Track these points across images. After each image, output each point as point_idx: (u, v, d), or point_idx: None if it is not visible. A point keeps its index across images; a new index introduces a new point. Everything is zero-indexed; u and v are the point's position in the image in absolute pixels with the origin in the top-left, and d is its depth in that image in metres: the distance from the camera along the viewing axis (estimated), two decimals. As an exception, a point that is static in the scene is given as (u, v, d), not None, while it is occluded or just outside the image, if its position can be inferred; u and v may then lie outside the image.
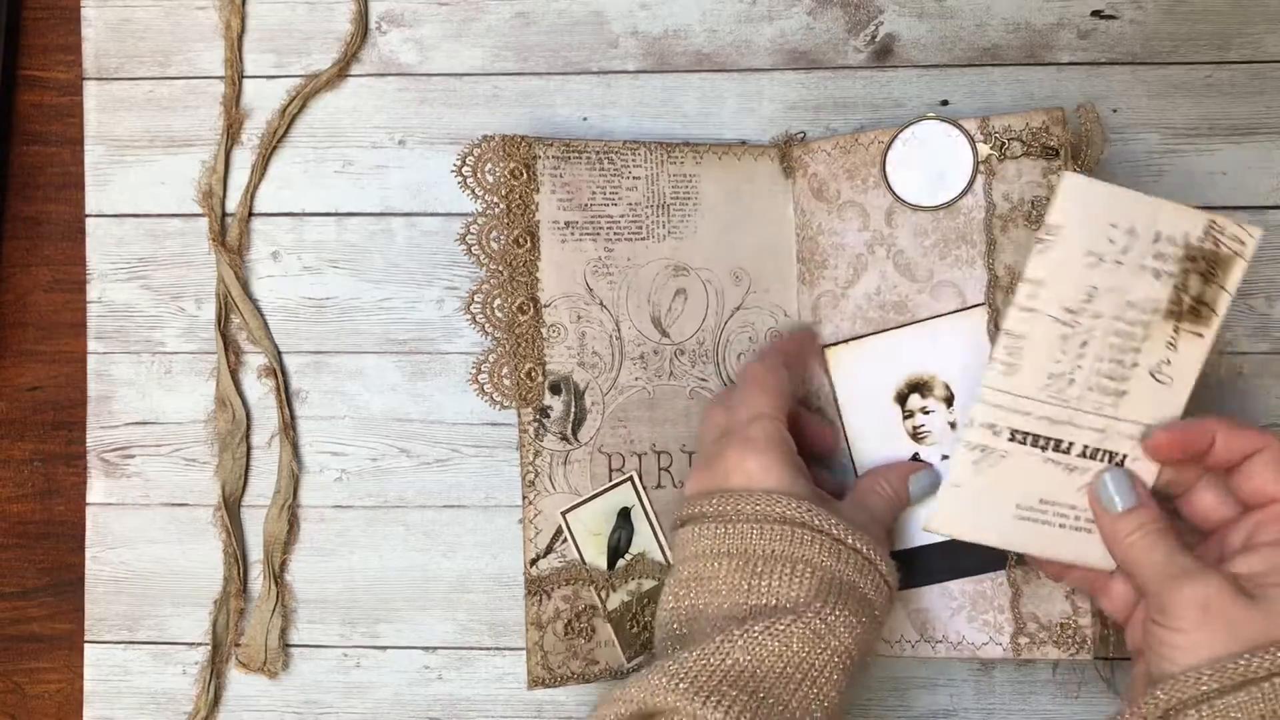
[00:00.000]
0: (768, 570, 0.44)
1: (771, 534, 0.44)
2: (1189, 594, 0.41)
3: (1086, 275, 0.43)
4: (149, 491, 0.56)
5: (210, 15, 0.56)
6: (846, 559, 0.44)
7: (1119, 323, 0.44)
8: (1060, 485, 0.45)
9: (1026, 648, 0.49)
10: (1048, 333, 0.44)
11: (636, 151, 0.53)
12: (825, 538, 0.44)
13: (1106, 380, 0.44)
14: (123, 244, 0.56)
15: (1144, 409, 0.45)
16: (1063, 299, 0.44)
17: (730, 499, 0.45)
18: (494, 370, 0.53)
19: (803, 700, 0.42)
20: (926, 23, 0.54)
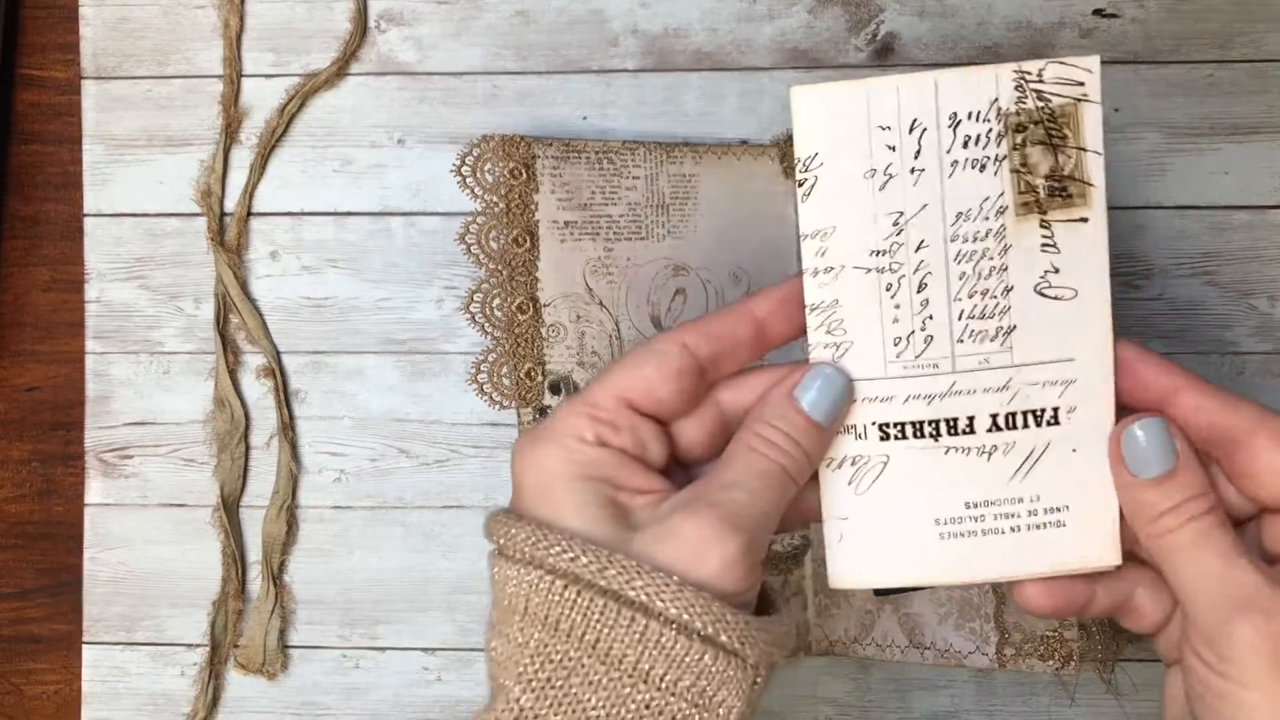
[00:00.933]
0: (503, 637, 0.32)
1: (529, 592, 0.31)
2: (1257, 634, 0.29)
3: (879, 201, 0.33)
4: (147, 492, 0.56)
5: (209, 14, 0.55)
6: (635, 634, 0.30)
7: (957, 244, 0.33)
8: (986, 478, 0.34)
9: (1012, 659, 0.49)
10: (862, 290, 0.34)
11: (636, 151, 0.52)
12: (608, 603, 0.30)
13: (978, 321, 0.33)
14: (121, 243, 0.56)
15: (1049, 340, 0.34)
16: (864, 242, 0.34)
17: (500, 520, 0.33)
18: (493, 370, 0.53)
19: None
20: (928, 21, 0.54)
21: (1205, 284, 0.53)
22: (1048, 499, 0.34)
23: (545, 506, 0.32)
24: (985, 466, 0.34)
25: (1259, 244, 0.53)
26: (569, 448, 0.33)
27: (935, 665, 0.51)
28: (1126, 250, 0.53)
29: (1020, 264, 0.33)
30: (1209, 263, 0.53)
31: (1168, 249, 0.53)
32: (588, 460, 0.32)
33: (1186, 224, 0.53)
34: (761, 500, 0.32)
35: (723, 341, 0.34)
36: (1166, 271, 0.53)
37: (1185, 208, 0.53)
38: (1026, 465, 0.34)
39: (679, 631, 0.30)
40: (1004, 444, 0.34)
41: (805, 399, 0.33)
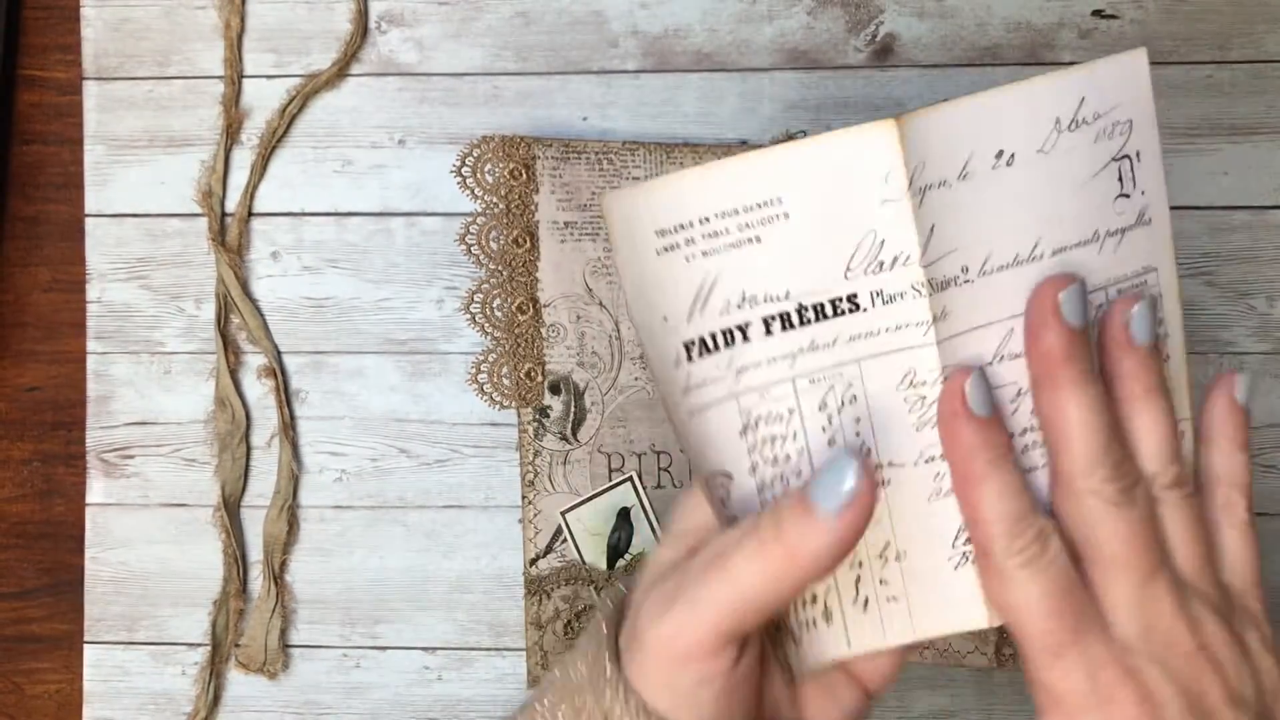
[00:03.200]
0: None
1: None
2: (1066, 674, 0.28)
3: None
4: (148, 492, 0.56)
5: (210, 15, 0.56)
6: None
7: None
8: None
9: (1010, 659, 0.49)
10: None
11: (636, 152, 0.53)
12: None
13: None
14: (122, 244, 0.56)
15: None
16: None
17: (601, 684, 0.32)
18: (493, 370, 0.53)
19: None
20: (927, 22, 0.54)
21: (1204, 284, 0.53)
22: None
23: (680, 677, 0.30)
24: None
25: (1257, 244, 0.53)
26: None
27: (934, 665, 0.51)
28: (1125, 250, 0.53)
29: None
30: (1208, 263, 0.53)
31: (1167, 249, 0.53)
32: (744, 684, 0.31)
33: (1185, 224, 0.53)
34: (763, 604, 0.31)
35: None
36: (1165, 272, 0.53)
37: (1184, 208, 0.53)
38: None
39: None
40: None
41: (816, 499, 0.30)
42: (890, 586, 0.32)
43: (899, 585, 0.32)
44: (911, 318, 0.30)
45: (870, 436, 0.31)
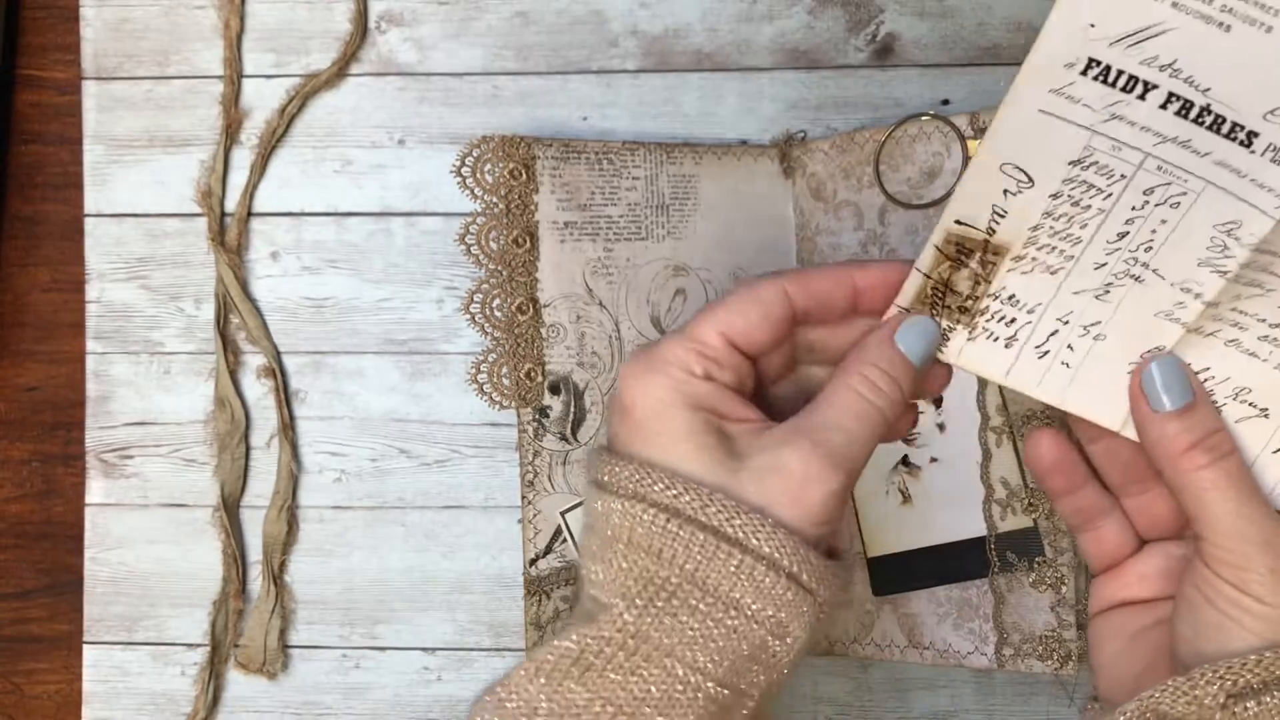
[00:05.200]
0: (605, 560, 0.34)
1: (634, 524, 0.33)
2: (1275, 558, 0.34)
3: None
4: (148, 492, 0.56)
5: (209, 15, 0.55)
6: (731, 568, 0.33)
7: None
8: None
9: (1010, 660, 0.49)
10: None
11: (636, 152, 0.53)
12: (708, 538, 0.33)
13: None
14: (121, 244, 0.56)
15: None
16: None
17: (603, 457, 0.35)
18: (493, 370, 0.53)
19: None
20: (927, 22, 0.54)
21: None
22: None
23: (654, 432, 0.34)
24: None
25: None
26: (678, 379, 0.35)
27: (934, 665, 0.51)
28: (1126, 251, 0.53)
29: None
30: (1208, 263, 0.53)
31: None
32: (696, 392, 0.34)
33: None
34: (858, 441, 0.34)
35: (819, 300, 0.36)
36: (1166, 272, 0.53)
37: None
38: None
39: (769, 567, 0.33)
40: None
41: (904, 344, 0.36)
42: (1074, 354, 0.35)
43: (1080, 357, 0.35)
44: (1279, 187, 0.31)
45: (1160, 240, 0.33)
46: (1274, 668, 0.33)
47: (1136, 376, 0.36)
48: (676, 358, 0.35)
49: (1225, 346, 0.35)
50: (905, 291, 0.36)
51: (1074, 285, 0.35)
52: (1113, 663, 0.39)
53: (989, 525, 0.50)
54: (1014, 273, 0.35)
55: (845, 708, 0.54)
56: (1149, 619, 0.39)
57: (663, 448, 0.34)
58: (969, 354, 0.36)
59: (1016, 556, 0.49)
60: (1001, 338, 0.36)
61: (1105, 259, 0.34)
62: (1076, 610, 0.48)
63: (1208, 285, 0.34)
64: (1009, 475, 0.49)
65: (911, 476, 0.51)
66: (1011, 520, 0.49)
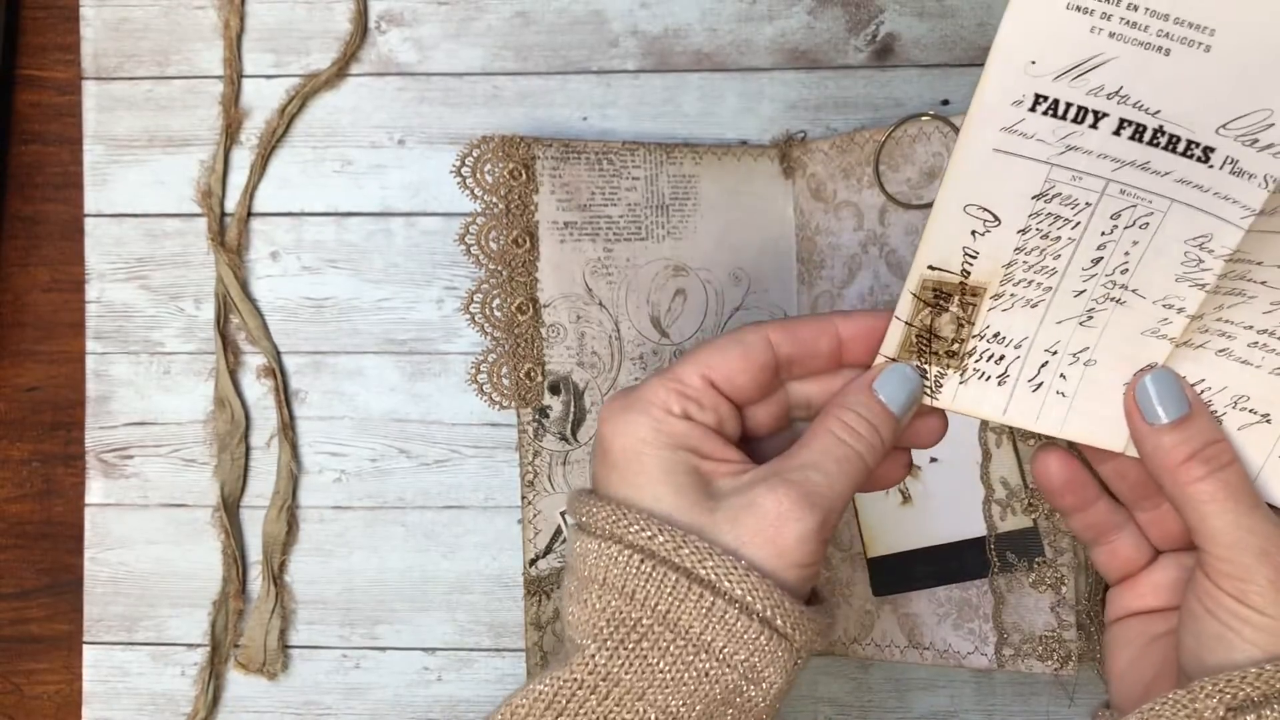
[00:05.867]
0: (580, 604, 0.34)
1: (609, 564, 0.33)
2: (1275, 569, 0.34)
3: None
4: (148, 492, 0.56)
5: (209, 15, 0.55)
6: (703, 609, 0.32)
7: None
8: None
9: (1010, 660, 0.49)
10: None
11: (636, 152, 0.53)
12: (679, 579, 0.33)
13: None
14: (121, 244, 0.56)
15: None
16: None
17: (582, 498, 0.36)
18: (493, 370, 0.53)
19: None
20: (927, 22, 0.54)
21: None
22: None
23: (632, 471, 0.34)
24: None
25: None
26: (657, 418, 0.35)
27: (934, 665, 0.51)
28: (1126, 251, 0.53)
29: None
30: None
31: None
32: (675, 431, 0.35)
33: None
34: (837, 482, 0.34)
35: (804, 347, 0.36)
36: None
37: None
38: None
39: (741, 611, 0.32)
40: None
41: (884, 392, 0.36)
42: (1067, 383, 0.35)
43: (1074, 385, 0.35)
44: (1244, 198, 0.31)
45: (1134, 261, 0.33)
46: (1274, 680, 0.33)
47: (1131, 391, 0.36)
48: (656, 397, 0.35)
49: (1217, 356, 0.35)
50: (889, 341, 0.36)
51: (1057, 315, 0.35)
52: (1126, 671, 0.39)
53: (989, 525, 0.50)
54: (995, 310, 0.35)
55: (845, 708, 0.54)
56: (1162, 626, 0.39)
57: (639, 487, 0.34)
58: (964, 397, 0.37)
59: (1016, 557, 0.49)
60: (993, 376, 0.36)
61: (1084, 285, 0.34)
62: (1076, 610, 0.48)
63: (1189, 299, 0.34)
64: (1009, 475, 0.49)
65: (911, 476, 0.51)
66: (1011, 520, 0.49)
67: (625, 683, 0.32)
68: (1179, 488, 0.35)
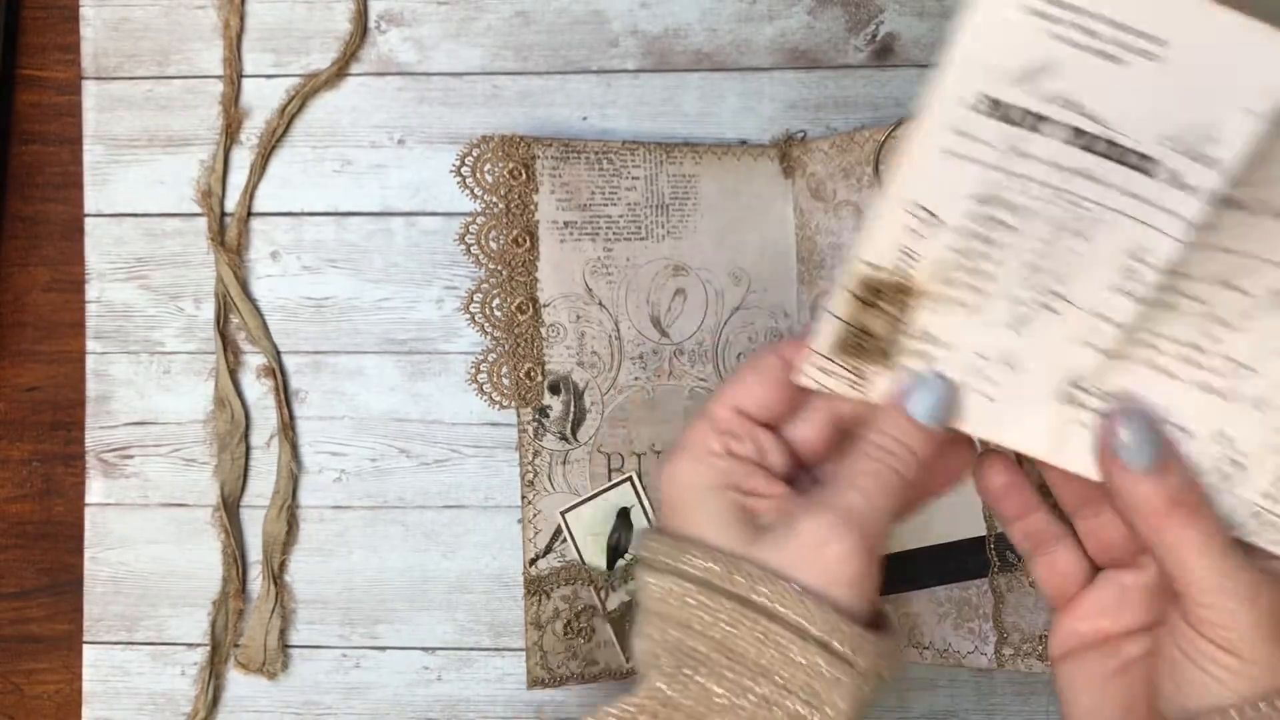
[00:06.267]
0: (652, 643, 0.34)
1: (665, 596, 0.34)
2: (1257, 614, 0.33)
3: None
4: (148, 492, 0.56)
5: (209, 14, 0.55)
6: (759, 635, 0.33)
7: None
8: None
9: (1010, 659, 0.49)
10: None
11: (635, 151, 0.53)
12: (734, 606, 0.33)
13: None
14: (121, 243, 0.56)
15: None
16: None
17: (647, 535, 0.37)
18: (493, 370, 0.53)
19: None
20: (927, 21, 0.54)
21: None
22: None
23: (683, 515, 0.36)
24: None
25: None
26: (700, 459, 0.36)
27: (934, 665, 0.51)
28: (1126, 250, 0.53)
29: None
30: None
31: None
32: (717, 470, 0.36)
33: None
34: (875, 499, 0.35)
35: None
36: (1166, 271, 0.53)
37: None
38: None
39: (796, 634, 0.33)
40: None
41: (909, 406, 0.36)
42: (997, 388, 0.36)
43: (1003, 390, 0.36)
44: (1183, 211, 0.31)
45: (1071, 270, 0.33)
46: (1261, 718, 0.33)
47: (1103, 433, 0.35)
48: (696, 439, 0.37)
49: (1146, 370, 0.35)
50: (823, 338, 0.36)
51: (990, 319, 0.35)
52: (1093, 711, 0.39)
53: (989, 525, 0.50)
54: (929, 311, 0.35)
55: (845, 707, 0.54)
56: (1115, 662, 0.39)
57: (696, 524, 0.35)
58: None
59: (1016, 556, 0.49)
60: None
61: (1019, 292, 0.34)
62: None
63: (1121, 310, 0.34)
64: (1009, 475, 0.49)
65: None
66: (1011, 520, 0.49)
67: (686, 707, 0.33)
68: (1157, 534, 0.35)
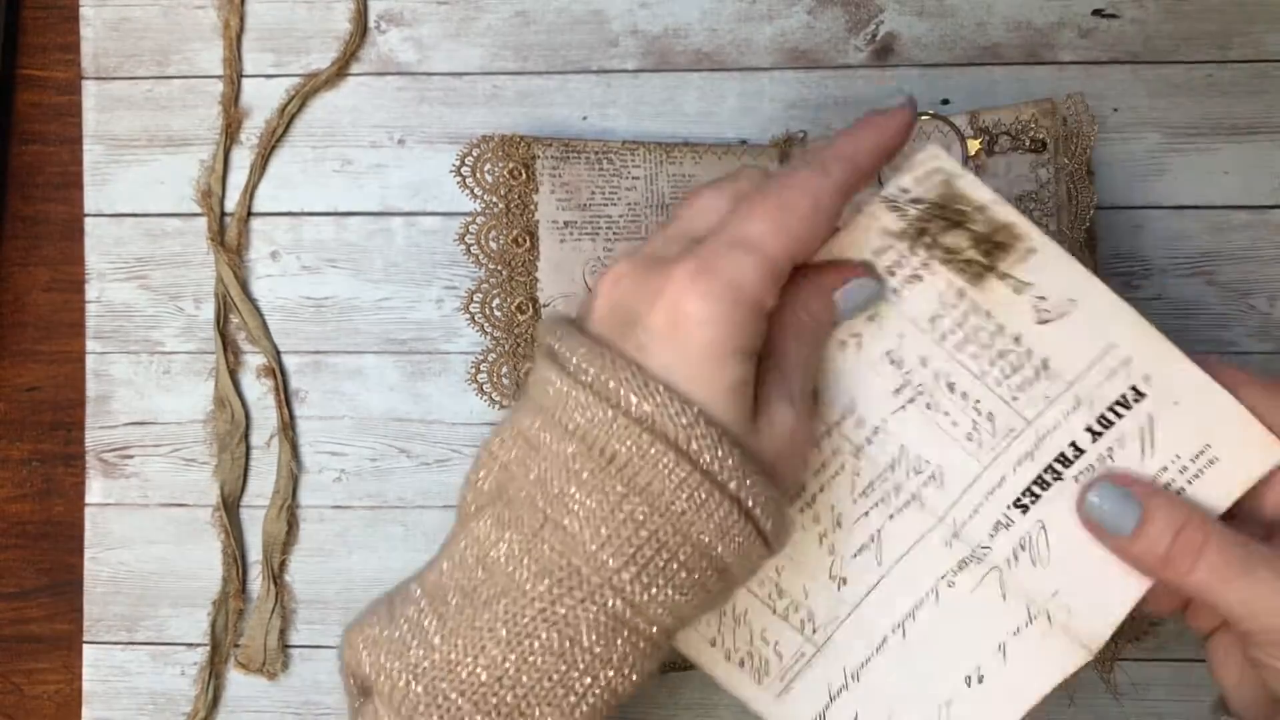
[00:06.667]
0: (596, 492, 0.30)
1: (632, 446, 0.30)
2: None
3: (865, 355, 0.37)
4: (148, 492, 0.56)
5: (209, 14, 0.55)
6: (717, 515, 0.30)
7: (950, 338, 0.37)
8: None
9: None
10: (911, 423, 0.37)
11: (636, 151, 0.52)
12: (704, 486, 0.30)
13: (1016, 375, 0.36)
14: (121, 243, 0.56)
15: (1083, 346, 0.36)
16: (882, 391, 0.37)
17: (619, 364, 0.30)
18: (493, 370, 0.53)
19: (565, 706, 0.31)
20: (927, 21, 0.54)
21: (1204, 284, 0.53)
22: (1187, 450, 0.36)
23: (706, 370, 0.30)
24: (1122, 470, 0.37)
25: (1258, 244, 0.53)
26: (747, 312, 0.30)
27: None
28: (1125, 250, 0.53)
29: (1009, 315, 0.36)
30: (1208, 262, 0.53)
31: (1167, 249, 0.53)
32: (757, 332, 0.31)
33: (1185, 224, 0.53)
34: (808, 378, 0.34)
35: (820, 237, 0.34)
36: (1166, 271, 0.53)
37: (1184, 208, 0.53)
38: (1146, 442, 0.36)
39: (764, 543, 0.32)
40: (1114, 441, 0.36)
41: (840, 304, 0.35)
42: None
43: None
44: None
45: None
46: None
47: (1083, 512, 0.36)
48: (754, 291, 0.30)
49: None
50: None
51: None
52: (1238, 685, 0.38)
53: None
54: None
55: (845, 707, 0.54)
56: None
57: (705, 390, 0.30)
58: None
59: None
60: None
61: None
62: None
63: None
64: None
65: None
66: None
67: (644, 608, 0.31)
68: (1175, 582, 0.34)
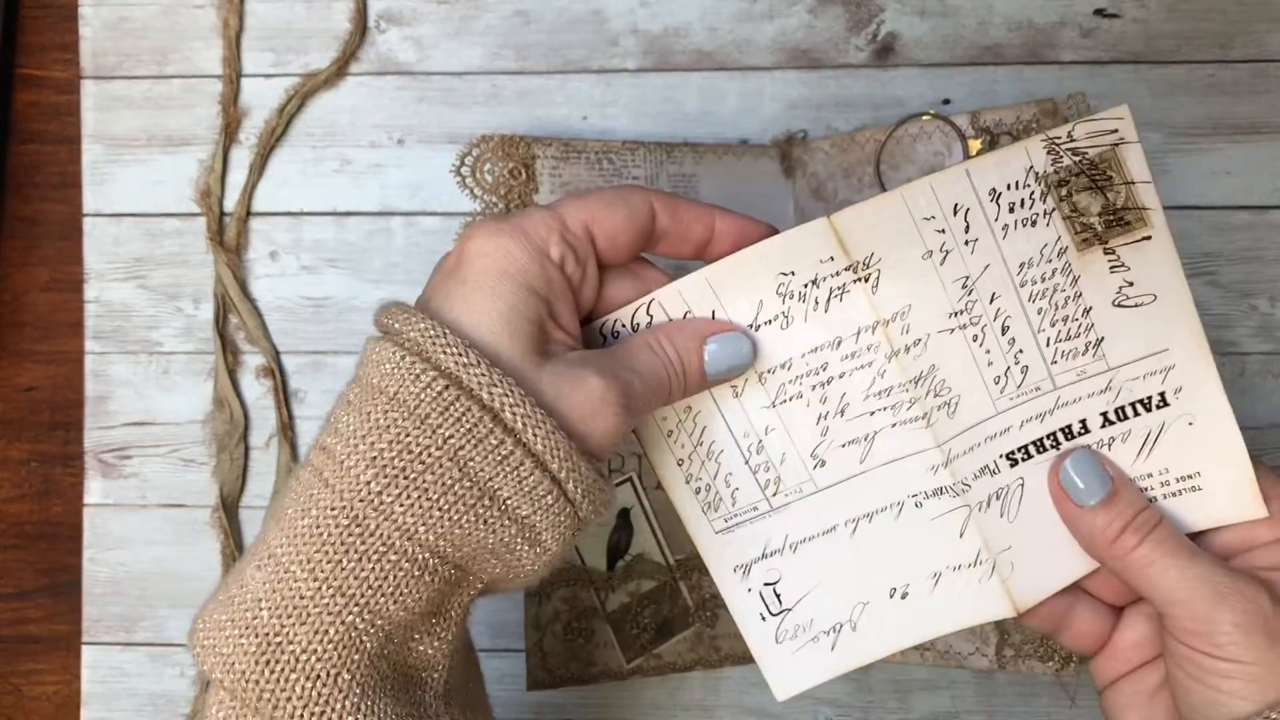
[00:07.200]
0: (357, 411, 0.31)
1: (389, 367, 0.31)
2: (1242, 615, 0.33)
3: (944, 273, 0.37)
4: (146, 492, 0.56)
5: (208, 14, 0.55)
6: (467, 420, 0.31)
7: (1027, 287, 0.37)
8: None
9: (1011, 661, 0.49)
10: (952, 347, 0.37)
11: (636, 151, 0.52)
12: (449, 390, 0.31)
13: (1066, 343, 0.37)
14: (120, 243, 0.56)
15: (1140, 339, 0.37)
16: (940, 309, 0.37)
17: (396, 306, 0.33)
18: (493, 370, 0.52)
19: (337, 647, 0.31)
20: (928, 21, 0.54)
21: (1206, 284, 0.53)
22: (1177, 469, 0.37)
23: (477, 297, 0.32)
24: (1108, 455, 0.38)
25: (1260, 244, 0.53)
26: (531, 252, 0.33)
27: (936, 666, 0.51)
28: (1127, 250, 0.53)
29: (1093, 287, 0.36)
30: (1210, 263, 0.53)
31: (1168, 249, 0.53)
32: (544, 274, 0.33)
33: (1187, 224, 0.53)
34: (647, 395, 0.35)
35: (680, 227, 0.36)
36: (1167, 272, 0.53)
37: (1186, 208, 0.53)
38: (1147, 446, 0.37)
39: (537, 465, 0.31)
40: (1120, 433, 0.37)
41: (709, 353, 0.36)
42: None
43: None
44: None
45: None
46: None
47: (1055, 477, 0.37)
48: (537, 232, 0.33)
49: None
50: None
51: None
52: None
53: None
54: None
55: (846, 709, 0.54)
56: (1154, 678, 0.38)
57: (476, 314, 0.32)
58: None
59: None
60: None
61: None
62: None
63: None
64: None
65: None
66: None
67: (397, 517, 0.30)
68: (1118, 560, 0.36)
